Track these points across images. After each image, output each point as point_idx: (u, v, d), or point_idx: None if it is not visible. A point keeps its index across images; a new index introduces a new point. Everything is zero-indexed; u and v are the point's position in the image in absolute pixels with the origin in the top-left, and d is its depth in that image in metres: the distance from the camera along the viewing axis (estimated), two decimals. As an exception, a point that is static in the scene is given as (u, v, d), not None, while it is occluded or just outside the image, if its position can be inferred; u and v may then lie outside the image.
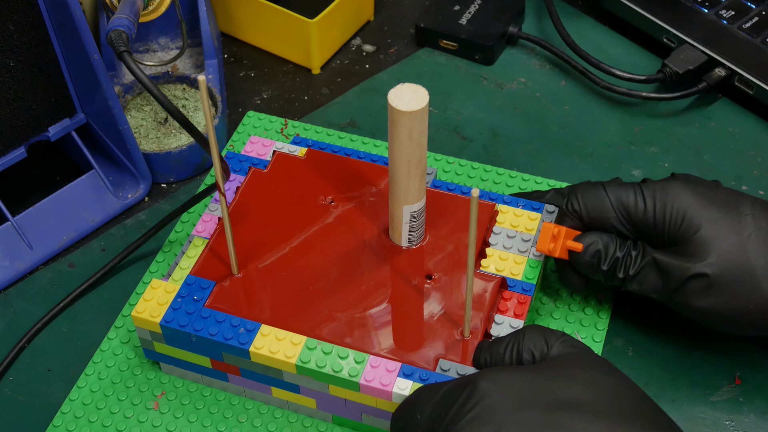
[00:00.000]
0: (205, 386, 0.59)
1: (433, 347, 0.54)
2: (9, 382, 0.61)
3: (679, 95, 0.74)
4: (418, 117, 0.52)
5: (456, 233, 0.60)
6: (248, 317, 0.56)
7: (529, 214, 0.60)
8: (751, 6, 0.78)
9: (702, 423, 0.58)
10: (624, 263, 0.57)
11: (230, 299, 0.57)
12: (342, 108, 0.76)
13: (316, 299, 0.57)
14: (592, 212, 0.58)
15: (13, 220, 0.66)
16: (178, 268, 0.58)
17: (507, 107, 0.76)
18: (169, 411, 0.58)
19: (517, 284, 0.57)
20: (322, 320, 0.56)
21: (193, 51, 0.77)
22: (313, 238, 0.60)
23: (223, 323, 0.55)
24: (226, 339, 0.55)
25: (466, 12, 0.80)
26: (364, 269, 0.58)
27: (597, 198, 0.58)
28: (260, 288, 0.57)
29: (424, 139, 0.53)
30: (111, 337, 0.62)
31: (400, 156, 0.54)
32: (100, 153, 0.71)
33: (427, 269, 0.58)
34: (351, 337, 0.55)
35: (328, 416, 0.57)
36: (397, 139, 0.53)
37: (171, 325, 0.55)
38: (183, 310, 0.56)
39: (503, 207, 0.61)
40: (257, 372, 0.56)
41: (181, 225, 0.67)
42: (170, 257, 0.65)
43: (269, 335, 0.55)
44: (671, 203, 0.56)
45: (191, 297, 0.56)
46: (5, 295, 0.65)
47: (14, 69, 0.64)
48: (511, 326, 0.55)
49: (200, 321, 0.55)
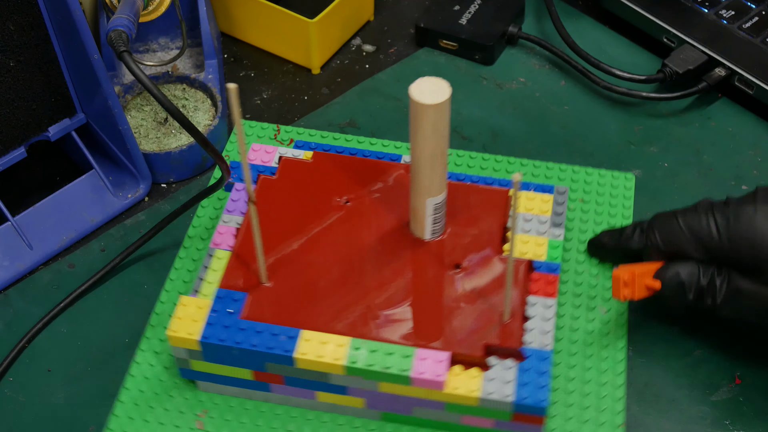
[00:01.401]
0: (245, 399, 0.58)
1: (476, 333, 0.55)
2: (9, 382, 0.61)
3: (679, 95, 0.74)
4: (442, 109, 0.52)
5: (474, 222, 0.60)
6: (287, 324, 0.55)
7: (542, 197, 0.61)
8: (751, 6, 0.78)
9: (702, 423, 0.58)
10: (710, 291, 0.55)
11: (265, 308, 0.56)
12: (342, 108, 0.76)
13: (350, 298, 0.57)
14: (668, 245, 0.57)
15: (13, 220, 0.66)
16: (205, 283, 0.57)
17: (507, 107, 0.76)
18: (214, 429, 0.57)
19: (542, 265, 0.58)
20: (361, 319, 0.56)
21: (193, 51, 0.77)
22: (335, 239, 0.60)
23: (263, 333, 0.54)
24: (269, 349, 0.54)
25: (466, 12, 0.80)
26: (392, 264, 0.58)
27: (670, 228, 0.57)
28: (293, 294, 0.57)
29: (448, 131, 0.54)
30: (139, 361, 0.59)
31: (424, 150, 0.54)
32: (100, 153, 0.71)
33: (455, 259, 0.59)
34: (394, 331, 0.55)
35: (377, 414, 0.56)
36: (422, 133, 0.53)
37: (210, 340, 0.54)
38: (220, 324, 0.55)
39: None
40: (302, 378, 0.55)
41: (193, 230, 0.66)
42: (185, 267, 0.65)
43: (312, 340, 0.54)
44: (743, 232, 0.54)
45: (225, 310, 0.56)
46: (5, 295, 0.65)
47: (14, 69, 0.64)
48: (544, 306, 0.56)
49: (239, 333, 0.55)
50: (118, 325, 0.63)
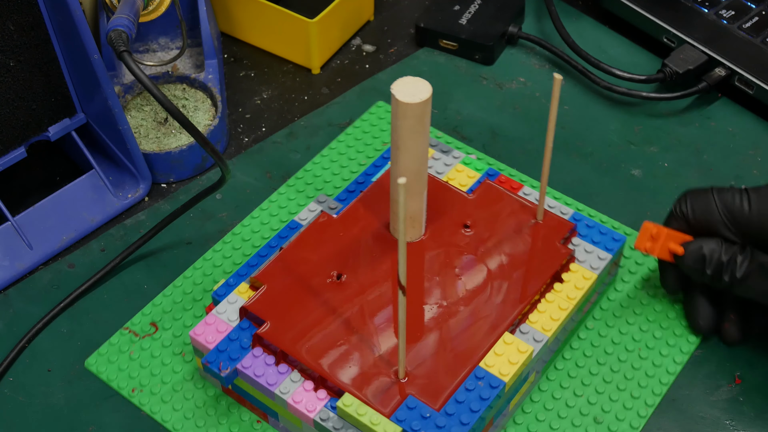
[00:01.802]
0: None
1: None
2: (9, 382, 0.61)
3: (679, 95, 0.74)
4: (428, 104, 0.53)
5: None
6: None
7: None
8: (751, 6, 0.78)
9: (702, 423, 0.58)
10: (729, 267, 0.56)
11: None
12: (342, 108, 0.76)
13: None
14: (699, 216, 0.58)
15: (13, 220, 0.66)
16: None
17: (507, 107, 0.76)
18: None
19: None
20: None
21: (193, 51, 0.77)
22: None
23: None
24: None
25: (466, 12, 0.80)
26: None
27: (705, 202, 0.58)
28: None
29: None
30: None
31: (422, 147, 0.55)
32: (100, 153, 0.71)
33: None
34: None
35: None
36: (421, 131, 0.54)
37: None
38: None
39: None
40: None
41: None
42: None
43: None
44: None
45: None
46: (5, 295, 0.65)
47: (14, 69, 0.64)
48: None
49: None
50: (118, 325, 0.63)
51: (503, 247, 0.59)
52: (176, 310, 0.63)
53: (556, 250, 0.59)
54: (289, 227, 0.61)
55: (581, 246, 0.60)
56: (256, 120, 0.76)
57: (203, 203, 0.69)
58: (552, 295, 0.58)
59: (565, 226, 0.60)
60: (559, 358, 0.60)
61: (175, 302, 0.64)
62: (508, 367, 0.54)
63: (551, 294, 0.58)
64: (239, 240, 0.67)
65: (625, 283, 0.64)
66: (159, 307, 0.63)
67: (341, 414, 0.53)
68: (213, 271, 0.65)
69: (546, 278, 0.58)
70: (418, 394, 0.53)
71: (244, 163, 0.72)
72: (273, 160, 0.72)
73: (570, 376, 0.59)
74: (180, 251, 0.67)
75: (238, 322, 0.57)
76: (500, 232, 0.60)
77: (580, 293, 0.58)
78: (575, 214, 0.62)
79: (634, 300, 0.63)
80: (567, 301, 0.57)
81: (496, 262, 0.59)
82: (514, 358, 0.54)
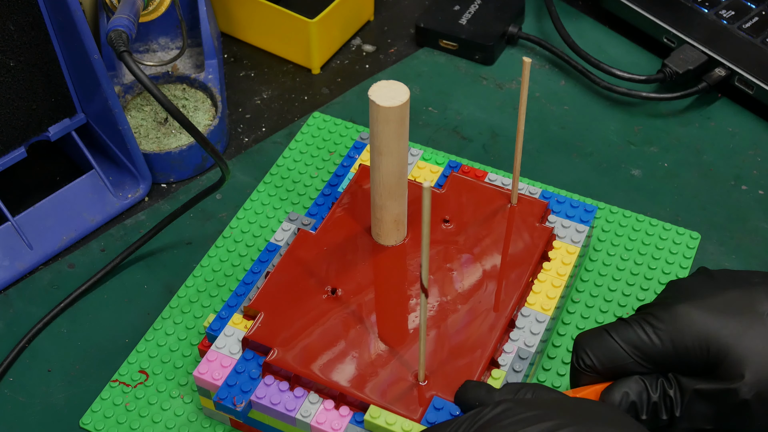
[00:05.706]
0: None
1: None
2: (9, 382, 0.61)
3: (679, 95, 0.74)
4: (408, 106, 0.53)
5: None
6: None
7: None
8: (751, 6, 0.78)
9: (702, 423, 0.58)
10: (664, 405, 0.51)
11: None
12: (342, 108, 0.76)
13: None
14: (607, 364, 0.51)
15: (13, 220, 0.66)
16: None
17: (506, 107, 0.76)
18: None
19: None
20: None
21: (193, 51, 0.77)
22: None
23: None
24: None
25: (466, 12, 0.80)
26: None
27: (606, 348, 0.51)
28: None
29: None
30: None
31: (404, 151, 0.55)
32: (100, 153, 0.71)
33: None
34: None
35: None
36: (402, 134, 0.54)
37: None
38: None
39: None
40: None
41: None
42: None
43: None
44: (687, 334, 0.50)
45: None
46: (5, 295, 0.65)
47: (14, 69, 0.64)
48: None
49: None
50: (118, 325, 0.63)
51: (487, 235, 0.60)
52: (162, 353, 0.61)
53: (537, 230, 0.60)
54: (268, 250, 0.61)
55: (558, 222, 0.61)
56: (256, 120, 0.76)
57: (203, 203, 0.69)
58: (543, 275, 0.59)
59: (540, 206, 0.61)
60: (554, 336, 0.61)
61: (159, 345, 0.61)
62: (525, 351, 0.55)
63: (542, 274, 0.59)
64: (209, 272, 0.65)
65: (598, 252, 0.65)
66: (144, 353, 0.61)
67: (369, 427, 0.52)
68: (190, 307, 0.63)
69: (536, 258, 0.58)
70: (442, 392, 0.53)
71: (244, 163, 0.72)
72: (273, 160, 0.72)
73: (569, 350, 0.60)
74: (180, 251, 0.67)
75: (242, 354, 0.55)
76: (480, 221, 0.61)
77: (568, 268, 0.59)
78: (544, 192, 0.63)
79: (611, 266, 0.64)
80: (558, 278, 0.58)
81: (484, 251, 0.59)
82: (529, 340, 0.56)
